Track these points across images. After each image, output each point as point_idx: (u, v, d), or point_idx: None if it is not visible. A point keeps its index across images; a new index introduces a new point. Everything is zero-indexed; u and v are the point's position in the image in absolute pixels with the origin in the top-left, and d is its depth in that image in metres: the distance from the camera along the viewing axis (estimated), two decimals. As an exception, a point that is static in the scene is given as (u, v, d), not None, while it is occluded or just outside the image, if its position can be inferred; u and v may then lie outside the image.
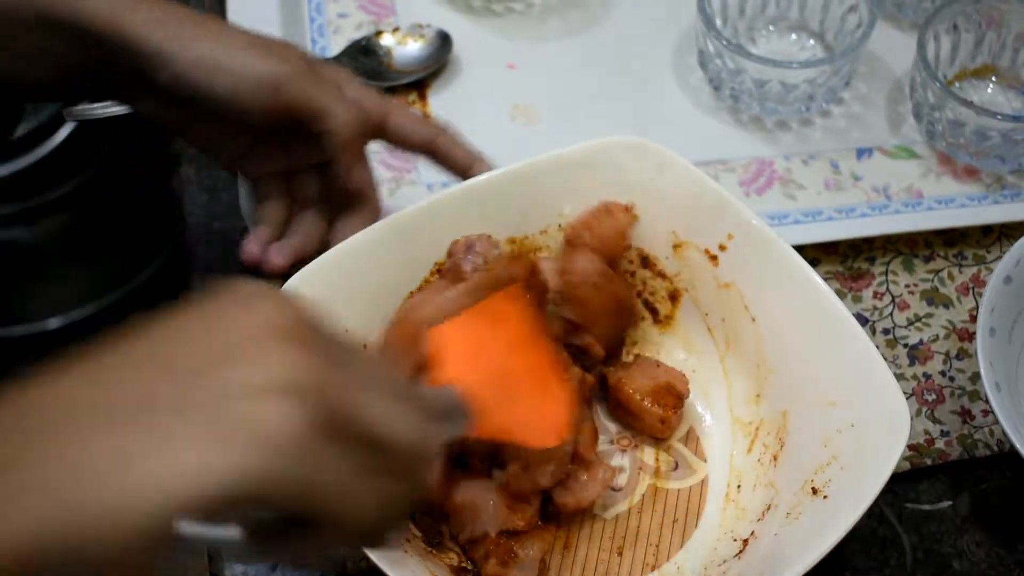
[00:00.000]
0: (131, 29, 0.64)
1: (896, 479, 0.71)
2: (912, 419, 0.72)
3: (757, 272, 0.68)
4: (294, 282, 0.64)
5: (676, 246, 0.70)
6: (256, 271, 0.69)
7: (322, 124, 0.66)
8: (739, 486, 0.68)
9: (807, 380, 0.66)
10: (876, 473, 0.60)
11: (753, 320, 0.69)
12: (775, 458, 0.67)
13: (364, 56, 0.86)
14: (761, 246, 0.67)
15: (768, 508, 0.65)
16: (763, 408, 0.69)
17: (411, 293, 0.68)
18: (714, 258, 0.69)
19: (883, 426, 0.62)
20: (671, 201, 0.69)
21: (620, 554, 0.66)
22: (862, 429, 0.63)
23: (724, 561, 0.64)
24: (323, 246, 0.68)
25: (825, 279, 0.66)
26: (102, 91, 0.69)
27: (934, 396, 0.74)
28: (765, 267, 0.67)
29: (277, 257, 0.69)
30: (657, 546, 0.66)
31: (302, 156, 0.70)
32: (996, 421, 0.66)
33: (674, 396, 0.69)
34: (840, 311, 0.65)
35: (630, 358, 0.72)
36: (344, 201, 0.70)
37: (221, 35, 0.65)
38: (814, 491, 0.62)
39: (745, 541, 0.64)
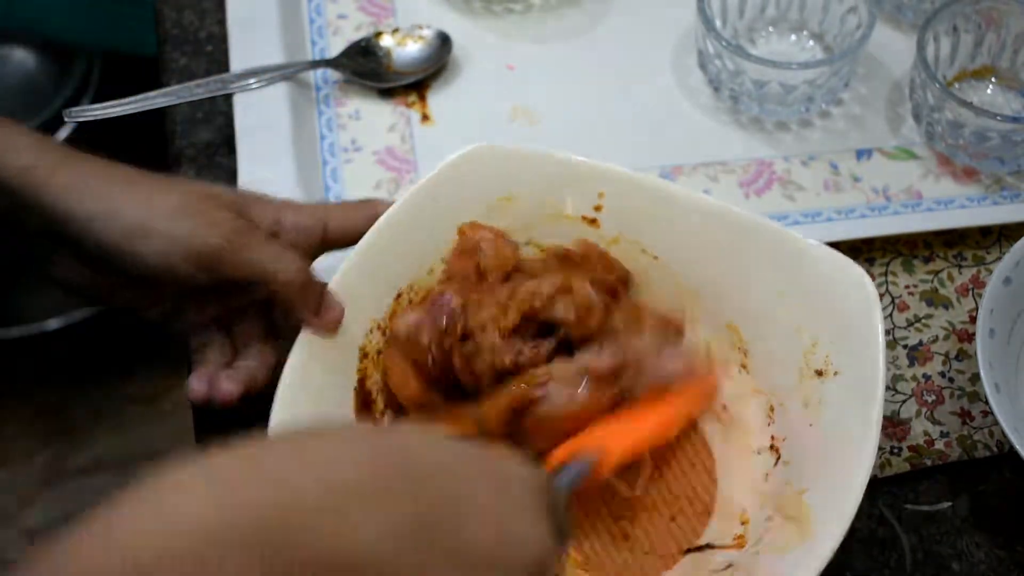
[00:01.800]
0: (57, 194, 0.60)
1: (896, 480, 0.71)
2: (911, 420, 0.73)
3: (640, 215, 0.69)
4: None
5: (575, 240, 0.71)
6: (206, 409, 0.65)
7: (268, 285, 0.63)
8: (724, 406, 0.69)
9: (740, 287, 0.68)
10: (871, 335, 0.62)
11: (656, 259, 0.70)
12: (744, 367, 0.68)
13: (363, 57, 0.86)
14: (635, 190, 0.69)
15: (772, 409, 0.67)
16: (702, 330, 0.70)
17: (399, 293, 0.68)
18: (593, 221, 0.70)
19: (850, 290, 0.64)
20: (537, 187, 0.69)
21: (674, 519, 0.67)
22: (830, 302, 0.64)
23: (767, 475, 0.66)
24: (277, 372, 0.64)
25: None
26: (13, 239, 0.66)
27: (934, 397, 0.74)
28: (647, 207, 0.69)
29: (227, 384, 0.64)
30: (695, 488, 0.67)
31: (241, 299, 0.67)
32: (996, 422, 0.66)
33: (674, 327, 0.69)
34: (736, 214, 0.67)
35: None
36: (292, 328, 0.65)
37: (151, 198, 0.62)
38: (819, 373, 0.64)
39: (772, 447, 0.66)
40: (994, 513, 0.70)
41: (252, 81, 0.82)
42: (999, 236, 0.80)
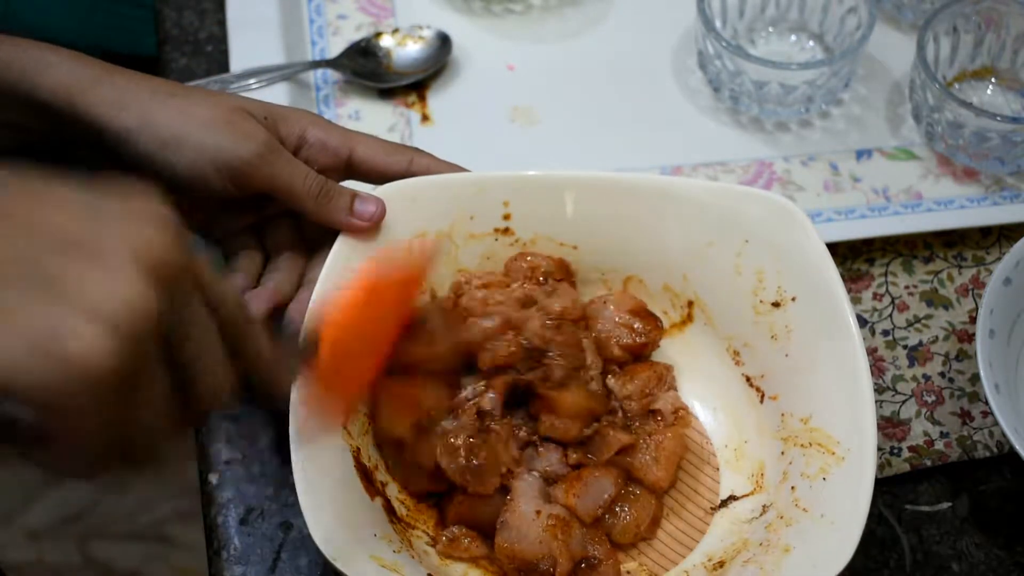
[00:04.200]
0: (94, 109, 0.63)
1: (895, 480, 0.71)
2: (911, 420, 0.73)
3: (547, 211, 0.70)
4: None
5: (486, 257, 0.71)
6: None
7: (287, 199, 0.66)
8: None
9: (663, 249, 0.70)
10: (813, 252, 0.65)
11: (575, 248, 0.71)
12: (690, 318, 0.71)
13: (363, 58, 0.86)
14: (536, 190, 0.69)
15: (736, 352, 0.69)
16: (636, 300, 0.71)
17: None
18: (506, 231, 0.70)
19: (777, 220, 0.66)
20: (446, 214, 0.69)
21: (688, 486, 0.68)
22: (761, 236, 0.67)
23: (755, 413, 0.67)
24: (301, 286, 0.68)
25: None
26: (61, 158, 0.67)
27: (933, 397, 0.74)
28: (551, 202, 0.69)
29: (255, 303, 0.67)
30: (692, 451, 0.69)
31: (273, 207, 0.69)
32: (995, 422, 0.66)
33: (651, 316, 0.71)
34: (639, 180, 0.69)
35: None
36: (320, 238, 0.68)
37: (185, 110, 0.64)
38: (776, 305, 0.66)
39: (753, 387, 0.68)
40: (994, 513, 0.70)
41: (252, 81, 0.82)
42: (999, 236, 0.80)
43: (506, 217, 0.70)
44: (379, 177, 0.69)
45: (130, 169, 0.64)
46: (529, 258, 0.70)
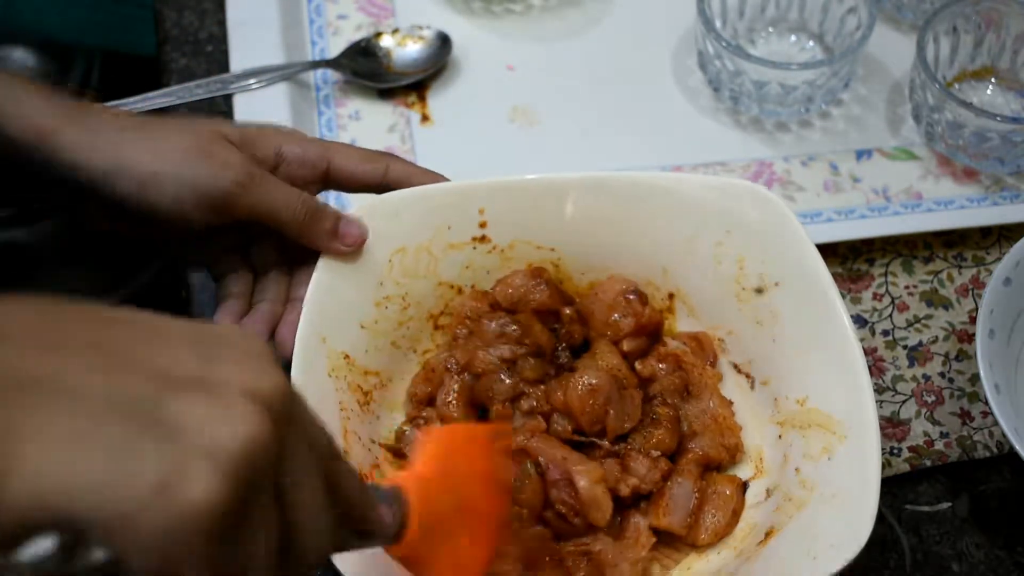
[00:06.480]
0: (65, 152, 0.60)
1: (895, 480, 0.71)
2: (911, 421, 0.73)
3: (522, 215, 0.69)
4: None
5: (465, 266, 0.70)
6: None
7: (272, 224, 0.65)
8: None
9: (642, 247, 0.69)
10: (793, 235, 0.65)
11: (553, 250, 0.70)
12: (671, 312, 0.70)
13: (363, 58, 0.86)
14: (509, 195, 0.69)
15: (721, 340, 0.69)
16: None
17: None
18: (483, 239, 0.69)
19: (752, 206, 0.66)
20: (423, 227, 0.68)
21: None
22: (739, 225, 0.67)
23: (745, 398, 0.68)
24: (288, 302, 0.67)
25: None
26: (32, 200, 0.65)
27: (933, 397, 0.74)
28: (526, 206, 0.69)
29: (256, 328, 0.66)
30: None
31: (258, 230, 0.67)
32: (995, 423, 0.66)
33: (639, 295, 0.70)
34: (613, 178, 0.69)
35: None
36: (302, 252, 0.67)
37: (158, 146, 0.62)
38: (759, 291, 0.66)
39: (742, 373, 0.68)
40: (994, 513, 0.70)
41: (252, 81, 0.82)
42: (999, 236, 0.80)
43: (482, 225, 0.69)
44: (357, 186, 0.68)
45: (109, 208, 0.63)
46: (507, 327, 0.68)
